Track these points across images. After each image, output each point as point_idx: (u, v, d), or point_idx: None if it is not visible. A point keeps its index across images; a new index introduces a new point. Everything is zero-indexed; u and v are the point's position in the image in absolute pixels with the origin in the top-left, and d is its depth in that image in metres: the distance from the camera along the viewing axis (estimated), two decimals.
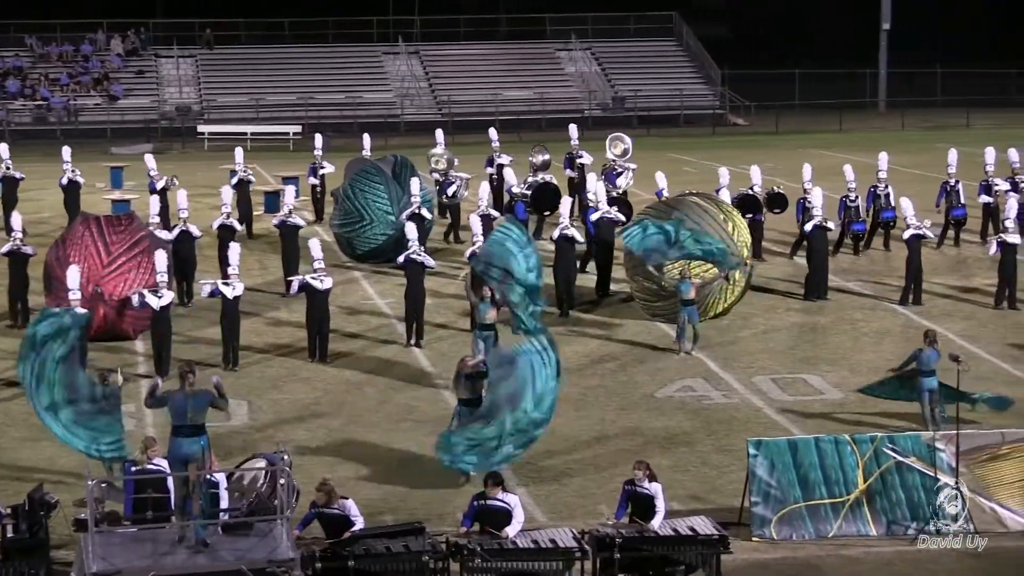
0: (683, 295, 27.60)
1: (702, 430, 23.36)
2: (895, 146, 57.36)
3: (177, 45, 73.76)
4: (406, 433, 23.33)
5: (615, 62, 75.73)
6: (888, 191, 35.38)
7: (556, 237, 30.69)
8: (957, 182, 36.28)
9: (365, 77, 73.59)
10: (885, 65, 76.64)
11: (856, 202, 35.41)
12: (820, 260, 31.59)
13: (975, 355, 26.76)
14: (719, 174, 36.02)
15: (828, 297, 31.29)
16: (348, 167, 37.65)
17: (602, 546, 17.16)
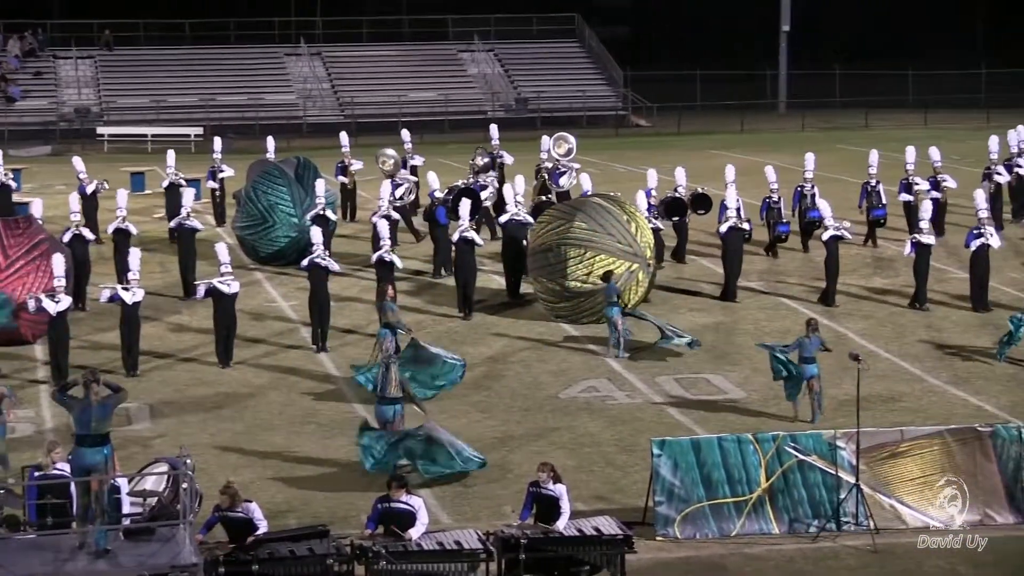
0: (610, 297, 27.63)
1: (606, 430, 23.43)
2: (795, 147, 57.82)
3: (75, 46, 72.91)
4: (310, 436, 23.23)
5: (518, 63, 75.84)
6: (814, 191, 35.65)
7: (456, 239, 30.67)
8: (878, 183, 36.65)
9: (267, 78, 73.16)
10: (785, 66, 77.29)
11: (779, 203, 35.67)
12: (736, 261, 31.77)
13: (874, 353, 27.06)
14: (648, 176, 36.20)
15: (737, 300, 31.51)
16: (250, 169, 37.42)
17: (507, 547, 17.16)
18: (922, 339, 28.51)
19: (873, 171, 36.83)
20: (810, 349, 23.39)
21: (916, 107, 71.89)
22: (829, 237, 30.95)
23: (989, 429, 19.84)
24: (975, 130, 63.81)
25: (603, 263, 28.77)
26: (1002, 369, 26.36)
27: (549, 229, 29.84)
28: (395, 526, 17.16)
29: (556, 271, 29.28)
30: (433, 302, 31.61)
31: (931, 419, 22.83)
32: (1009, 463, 19.59)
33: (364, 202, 40.90)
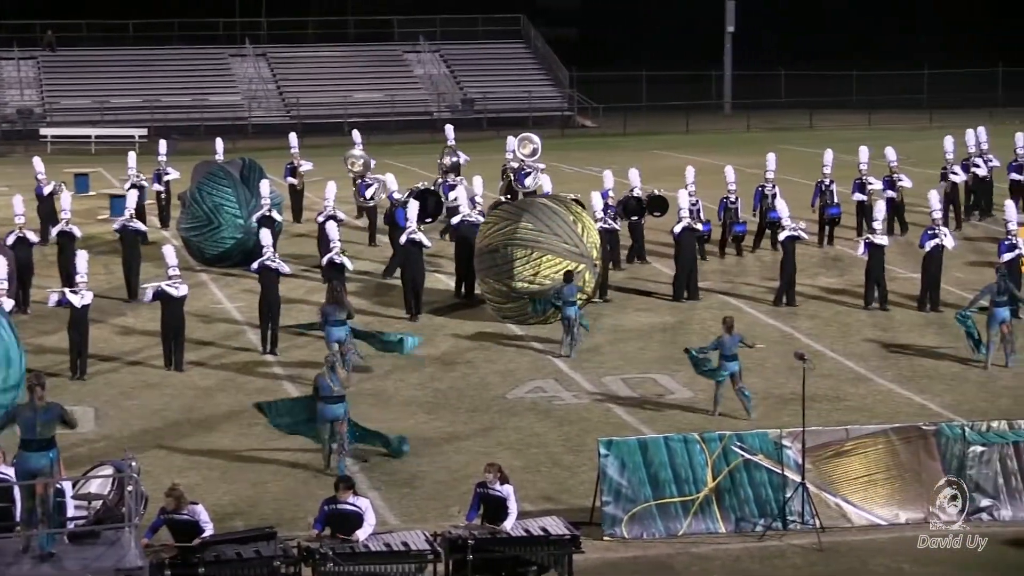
0: (567, 297, 27.64)
1: (553, 431, 23.45)
2: (741, 147, 58.24)
3: (17, 47, 72.37)
4: (257, 438, 23.13)
5: (464, 64, 75.84)
6: (775, 191, 35.80)
7: (403, 241, 30.63)
8: (832, 182, 36.87)
9: (212, 79, 72.88)
10: (730, 67, 77.63)
11: (736, 203, 35.80)
12: (689, 261, 31.85)
13: (819, 352, 27.20)
14: (603, 176, 36.27)
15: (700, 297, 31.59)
16: (195, 170, 37.27)
17: (455, 548, 17.16)
18: (867, 338, 28.67)
19: (827, 170, 37.08)
20: (730, 347, 23.58)
21: (860, 108, 72.32)
22: (785, 237, 31.08)
23: (933, 428, 19.97)
24: (918, 130, 64.34)
25: (549, 263, 28.82)
26: (946, 368, 26.54)
27: (496, 230, 29.84)
28: (342, 527, 17.12)
29: (503, 272, 29.28)
30: (381, 303, 31.58)
31: (876, 418, 22.97)
32: (953, 461, 19.72)
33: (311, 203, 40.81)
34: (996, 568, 18.31)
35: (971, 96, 72.76)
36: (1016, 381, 25.78)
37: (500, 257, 29.36)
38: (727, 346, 23.66)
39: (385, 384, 25.98)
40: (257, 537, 17.12)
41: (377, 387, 25.57)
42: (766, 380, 25.61)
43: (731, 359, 23.71)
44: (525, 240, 29.20)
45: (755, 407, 23.70)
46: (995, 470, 19.75)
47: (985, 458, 19.74)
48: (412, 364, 27.08)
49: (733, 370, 23.72)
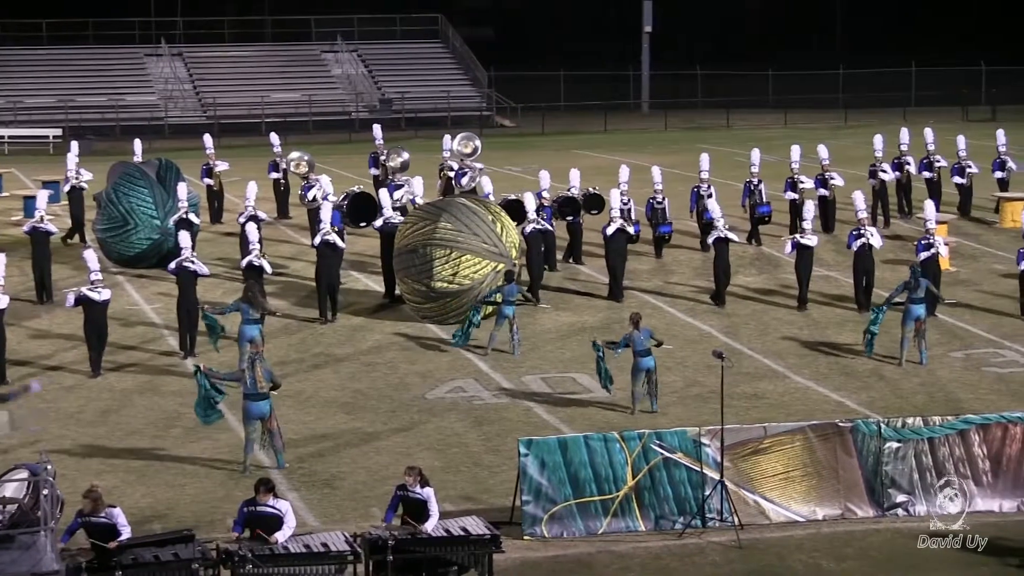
0: (507, 296, 27.65)
1: (473, 430, 23.46)
2: (658, 147, 58.60)
3: None
4: (175, 440, 23.00)
5: (382, 64, 75.70)
6: (711, 191, 35.97)
7: (318, 244, 30.51)
8: (760, 181, 37.11)
9: (127, 79, 72.30)
10: (648, 67, 77.95)
11: (663, 204, 35.92)
12: (619, 262, 31.92)
13: (737, 351, 27.36)
14: (540, 176, 36.29)
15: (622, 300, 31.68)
16: (111, 171, 36.94)
17: (375, 549, 17.12)
18: (785, 336, 28.87)
19: (755, 169, 37.35)
20: (641, 343, 23.65)
21: (776, 107, 72.84)
22: (716, 238, 31.21)
23: (849, 424, 20.13)
24: (834, 129, 64.92)
25: (469, 263, 28.83)
26: (862, 365, 26.77)
27: (415, 230, 29.80)
28: (261, 529, 17.04)
29: (422, 272, 29.25)
30: (299, 304, 31.46)
31: (793, 415, 23.13)
32: (869, 457, 19.90)
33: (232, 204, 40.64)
34: (911, 563, 18.49)
35: (885, 96, 73.54)
36: (930, 378, 26.05)
37: (419, 257, 29.32)
38: (638, 342, 23.73)
39: (304, 385, 25.88)
40: (175, 540, 17.00)
41: (296, 388, 25.47)
42: (685, 378, 25.75)
43: (645, 355, 23.80)
44: (444, 240, 29.18)
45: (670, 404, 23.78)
46: (910, 466, 19.95)
47: (900, 454, 19.93)
48: (331, 364, 27.01)
49: (648, 366, 23.82)
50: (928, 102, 72.12)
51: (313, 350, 28.17)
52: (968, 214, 40.56)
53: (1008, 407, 22.82)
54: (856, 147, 47.32)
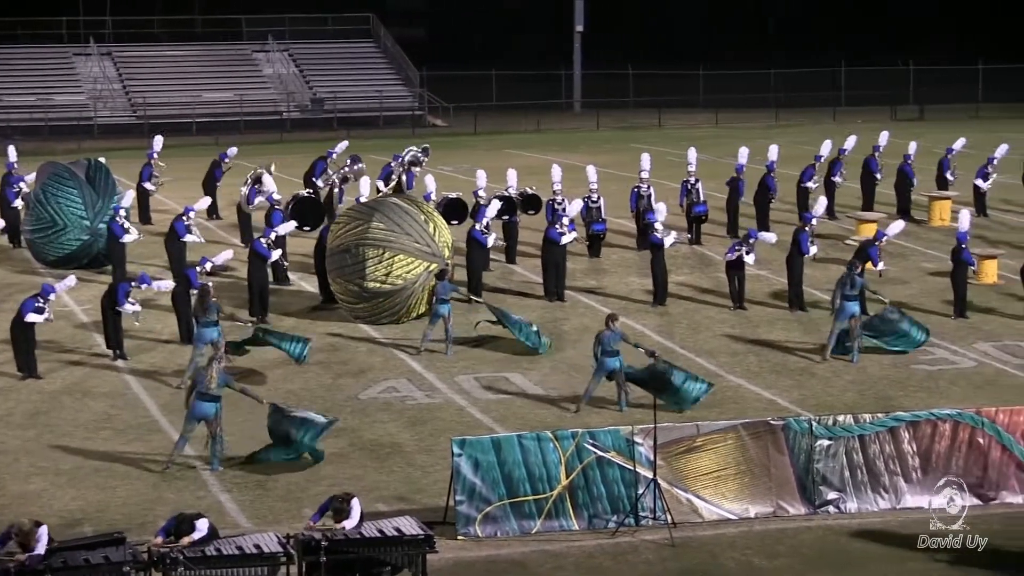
0: (440, 296, 27.60)
1: (406, 430, 23.42)
2: (591, 146, 58.70)
3: None
4: (105, 442, 22.83)
5: (313, 63, 75.42)
6: (650, 192, 36.01)
7: (254, 245, 30.39)
8: (697, 180, 37.24)
9: (56, 79, 71.63)
10: (579, 66, 78.07)
11: (598, 203, 35.98)
12: (559, 262, 31.90)
13: (670, 349, 27.44)
14: (477, 175, 36.26)
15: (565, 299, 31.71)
16: (40, 171, 36.59)
17: (308, 550, 17.05)
18: (717, 335, 28.99)
19: (692, 169, 37.53)
20: (610, 343, 23.68)
21: (707, 107, 73.15)
22: (655, 237, 31.26)
23: (781, 422, 20.25)
24: (765, 129, 65.24)
25: (401, 263, 28.78)
26: (794, 363, 26.91)
27: (347, 230, 29.72)
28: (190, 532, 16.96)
29: (354, 272, 29.18)
30: (231, 304, 31.28)
31: (725, 414, 23.24)
32: (800, 455, 20.01)
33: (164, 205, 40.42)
34: (842, 560, 18.62)
35: (815, 95, 74.01)
36: (861, 375, 26.23)
37: (351, 257, 29.24)
38: (607, 342, 23.58)
39: None
40: (106, 543, 16.87)
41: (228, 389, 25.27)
42: None
43: (611, 355, 23.65)
44: (376, 240, 29.11)
45: (604, 403, 23.85)
46: (841, 463, 20.08)
47: (831, 452, 20.06)
48: (263, 365, 26.90)
49: (614, 367, 23.62)
50: (857, 102, 72.67)
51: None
52: (908, 212, 40.89)
53: (937, 404, 23.01)
54: (789, 147, 47.46)
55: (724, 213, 37.90)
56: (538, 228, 34.09)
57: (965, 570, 18.13)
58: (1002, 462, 20.29)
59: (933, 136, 44.13)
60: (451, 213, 33.77)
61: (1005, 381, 25.89)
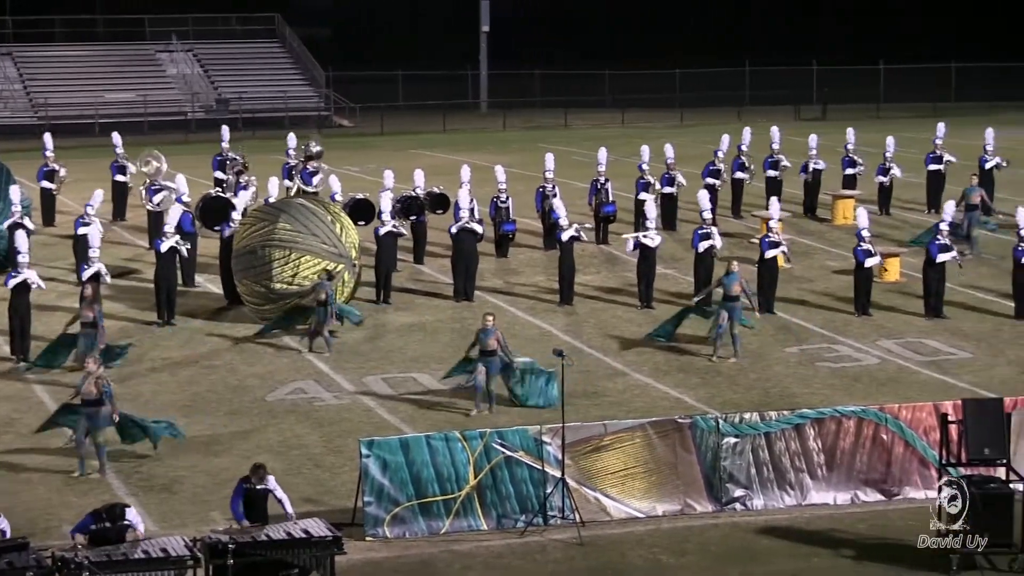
0: (320, 295, 27.52)
1: (314, 432, 23.34)
2: (497, 146, 58.76)
3: None
4: (9, 445, 22.57)
5: (218, 64, 74.92)
6: (555, 191, 36.08)
7: (159, 247, 30.13)
8: (607, 180, 37.36)
9: None
10: (486, 66, 78.11)
11: (507, 203, 35.99)
12: (469, 262, 31.86)
13: (577, 349, 27.52)
14: (384, 176, 36.17)
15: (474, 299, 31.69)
16: None
17: (215, 553, 16.93)
18: (624, 334, 29.10)
19: (602, 168, 37.66)
20: (485, 340, 23.71)
21: (614, 107, 73.43)
22: (570, 237, 31.28)
23: (688, 421, 20.37)
24: (670, 128, 65.58)
25: (308, 264, 28.67)
26: (700, 362, 27.06)
27: (253, 231, 29.57)
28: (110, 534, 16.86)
29: (261, 273, 29.03)
30: (136, 307, 31.06)
31: (633, 412, 23.33)
32: (707, 453, 20.14)
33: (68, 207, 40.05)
34: (748, 556, 18.75)
35: (720, 95, 74.53)
36: (766, 373, 26.44)
37: (258, 258, 29.10)
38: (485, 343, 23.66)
39: (142, 388, 25.56)
40: (9, 548, 16.67)
41: (134, 391, 25.12)
42: None
43: (490, 355, 23.74)
44: (283, 241, 28.99)
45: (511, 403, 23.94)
46: (748, 461, 20.23)
47: (738, 449, 20.20)
48: (170, 368, 26.71)
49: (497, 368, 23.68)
50: (762, 101, 73.21)
51: (151, 353, 27.82)
52: (814, 211, 41.29)
53: (842, 401, 23.27)
54: (694, 146, 47.86)
55: (632, 214, 38.01)
56: (444, 227, 34.07)
57: (870, 565, 18.33)
58: (905, 458, 20.53)
59: (838, 136, 44.45)
60: (357, 213, 33.65)
61: (907, 378, 26.20)
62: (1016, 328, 29.37)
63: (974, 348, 28.03)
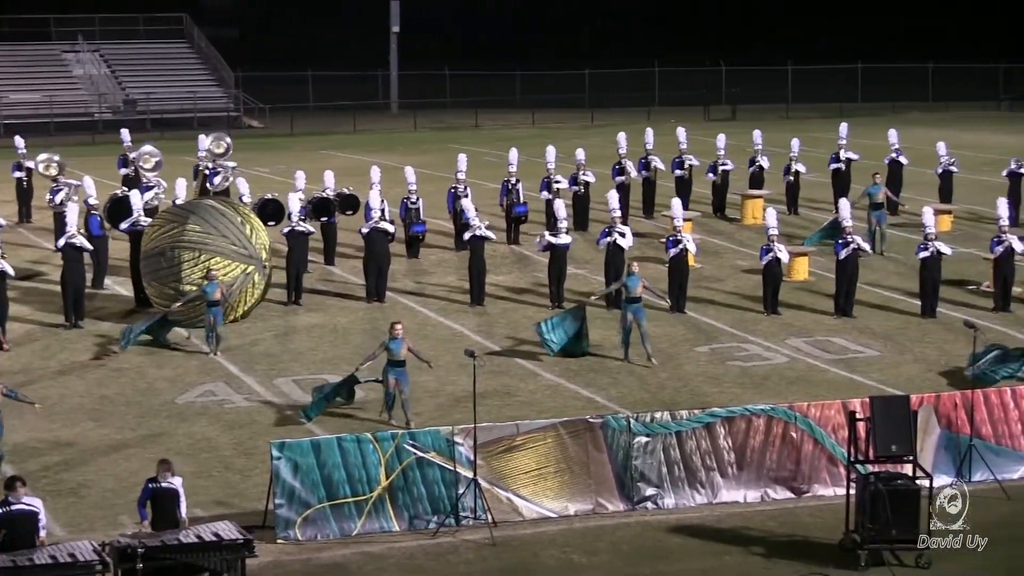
0: (209, 296, 27.37)
1: (224, 434, 23.20)
2: (408, 147, 58.68)
3: None
4: None
5: (125, 64, 74.32)
6: (467, 191, 36.06)
7: (62, 247, 29.81)
8: (518, 180, 37.38)
9: None
10: (396, 67, 78.00)
11: (417, 204, 35.93)
12: (381, 263, 31.75)
13: (489, 349, 27.52)
14: (295, 177, 35.99)
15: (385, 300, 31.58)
16: None
17: (124, 557, 16.77)
18: (534, 335, 29.08)
19: (513, 169, 37.70)
20: (395, 352, 23.49)
21: (524, 107, 73.55)
22: (472, 236, 31.28)
23: (600, 420, 20.43)
24: (581, 128, 65.79)
25: (218, 266, 28.48)
26: (612, 362, 27.13)
27: (161, 233, 29.35)
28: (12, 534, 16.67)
29: (170, 275, 28.81)
30: (43, 309, 30.75)
31: (545, 412, 23.37)
32: (619, 452, 20.21)
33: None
34: (660, 555, 18.83)
35: (630, 95, 74.86)
36: (677, 372, 26.56)
37: (166, 260, 28.89)
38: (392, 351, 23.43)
39: (49, 392, 25.28)
40: None
41: (40, 395, 24.82)
42: (438, 378, 25.76)
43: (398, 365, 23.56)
44: (192, 242, 28.79)
45: (423, 404, 23.84)
46: (659, 460, 20.32)
47: (649, 448, 20.29)
48: (77, 371, 26.45)
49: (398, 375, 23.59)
50: (671, 101, 73.62)
51: (58, 356, 27.55)
52: (723, 211, 41.56)
53: (752, 400, 23.42)
54: (604, 146, 47.93)
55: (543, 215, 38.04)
56: (355, 229, 33.97)
57: (780, 562, 18.45)
58: (814, 456, 20.69)
59: (748, 136, 44.76)
60: (267, 214, 33.49)
61: (816, 376, 26.41)
62: (922, 326, 29.71)
63: (881, 346, 28.32)
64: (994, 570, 18.19)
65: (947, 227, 38.47)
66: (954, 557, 18.25)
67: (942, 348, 27.94)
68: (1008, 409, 21.36)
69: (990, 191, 39.70)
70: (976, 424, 21.05)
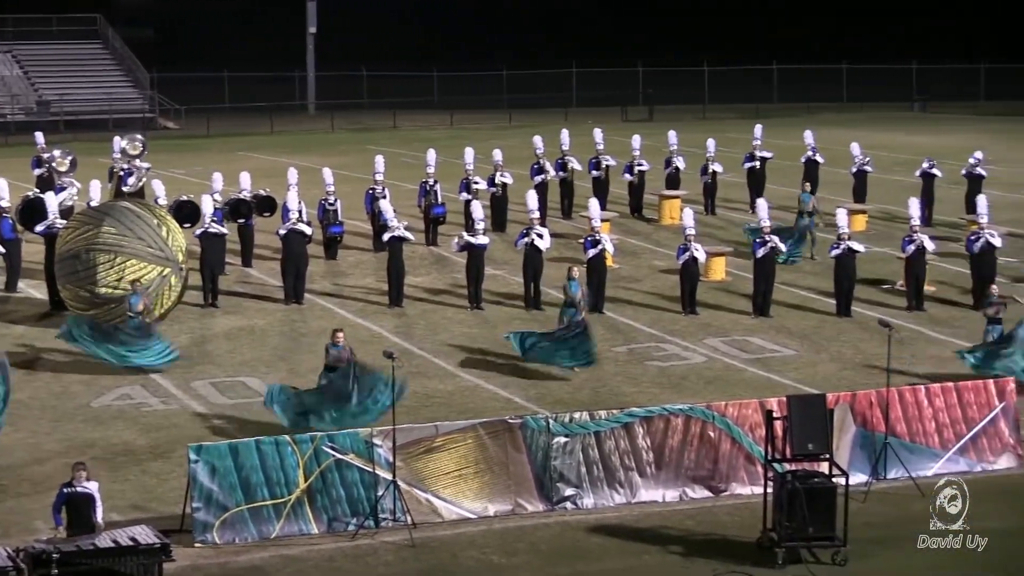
0: (132, 309, 27.11)
1: (141, 438, 23.03)
2: (326, 148, 58.51)
3: None
4: None
5: (38, 65, 73.58)
6: (385, 192, 35.99)
7: None
8: (436, 181, 37.34)
9: None
10: (313, 67, 77.74)
11: (335, 205, 35.82)
12: (299, 264, 31.60)
13: (408, 350, 27.49)
14: (212, 179, 35.78)
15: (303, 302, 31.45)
16: None
17: (39, 563, 16.63)
18: (454, 335, 29.13)
19: (431, 170, 37.69)
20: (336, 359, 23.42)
21: (441, 108, 73.53)
22: (391, 238, 31.23)
23: (519, 421, 20.45)
24: (499, 129, 65.82)
25: (134, 268, 28.26)
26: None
27: (76, 235, 29.07)
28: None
29: (85, 278, 28.54)
30: None
31: (464, 413, 23.37)
32: (538, 453, 20.24)
33: None
34: (579, 555, 18.88)
35: (547, 96, 75.03)
36: (595, 373, 26.62)
37: (81, 263, 28.62)
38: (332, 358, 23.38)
39: None
40: None
41: None
42: None
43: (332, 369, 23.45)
44: (108, 245, 28.55)
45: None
46: (578, 460, 20.37)
47: (568, 448, 20.33)
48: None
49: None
50: (588, 103, 73.85)
51: None
52: (640, 211, 41.74)
53: (670, 399, 23.53)
54: (522, 147, 48.00)
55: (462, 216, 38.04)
56: (272, 230, 33.84)
57: (699, 561, 18.54)
58: (732, 454, 20.82)
59: (664, 137, 44.97)
60: (183, 216, 33.28)
61: (733, 376, 26.58)
62: (838, 325, 29.96)
63: (798, 345, 28.54)
64: (915, 568, 18.38)
65: (861, 227, 38.83)
66: (878, 555, 18.44)
67: (857, 347, 28.20)
68: (922, 407, 21.59)
69: (903, 191, 40.09)
70: (891, 422, 21.27)
